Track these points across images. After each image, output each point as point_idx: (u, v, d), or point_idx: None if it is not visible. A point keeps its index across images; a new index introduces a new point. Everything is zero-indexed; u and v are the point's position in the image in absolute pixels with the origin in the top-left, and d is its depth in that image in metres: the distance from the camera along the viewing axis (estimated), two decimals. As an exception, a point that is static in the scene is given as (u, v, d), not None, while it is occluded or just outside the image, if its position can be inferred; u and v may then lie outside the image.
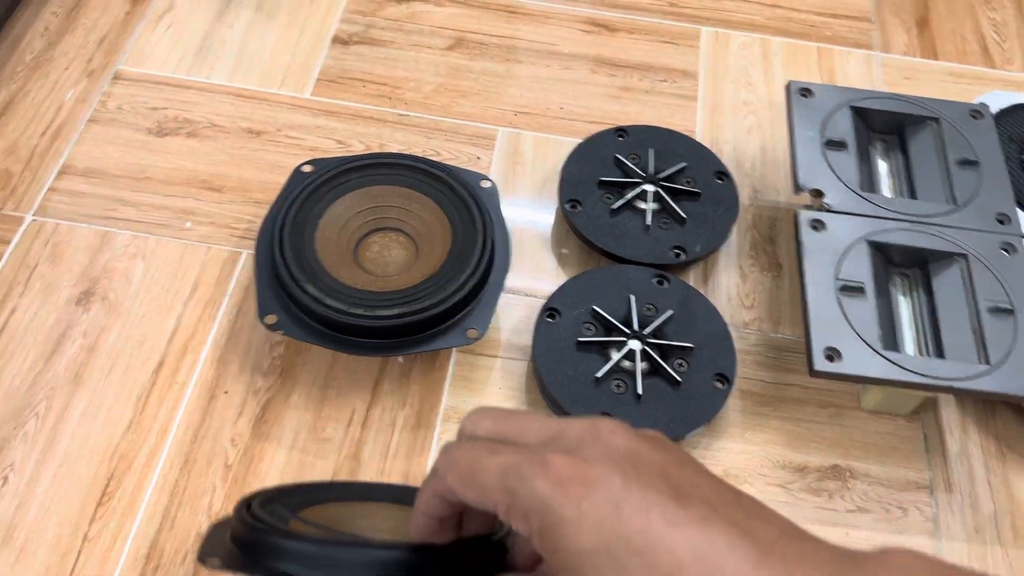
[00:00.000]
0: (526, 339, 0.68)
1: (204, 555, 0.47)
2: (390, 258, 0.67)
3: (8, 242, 0.72)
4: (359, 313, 0.61)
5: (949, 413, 0.69)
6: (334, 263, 0.64)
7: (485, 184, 0.71)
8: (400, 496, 0.55)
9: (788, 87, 0.75)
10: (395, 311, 0.61)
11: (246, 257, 0.72)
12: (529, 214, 0.78)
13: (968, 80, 0.90)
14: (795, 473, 0.65)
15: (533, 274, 0.74)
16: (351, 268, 0.65)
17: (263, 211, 0.70)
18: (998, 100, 0.82)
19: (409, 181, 0.69)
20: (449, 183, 0.68)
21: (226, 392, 0.65)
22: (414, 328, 0.62)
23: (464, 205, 0.67)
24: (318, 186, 0.67)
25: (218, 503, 0.61)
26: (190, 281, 0.71)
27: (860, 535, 0.62)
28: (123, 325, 0.68)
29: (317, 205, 0.66)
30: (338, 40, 0.88)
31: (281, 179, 0.71)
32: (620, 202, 0.73)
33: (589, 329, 0.66)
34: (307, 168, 0.70)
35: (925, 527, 0.63)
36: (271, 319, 0.62)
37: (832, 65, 0.90)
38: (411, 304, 0.61)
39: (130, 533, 0.59)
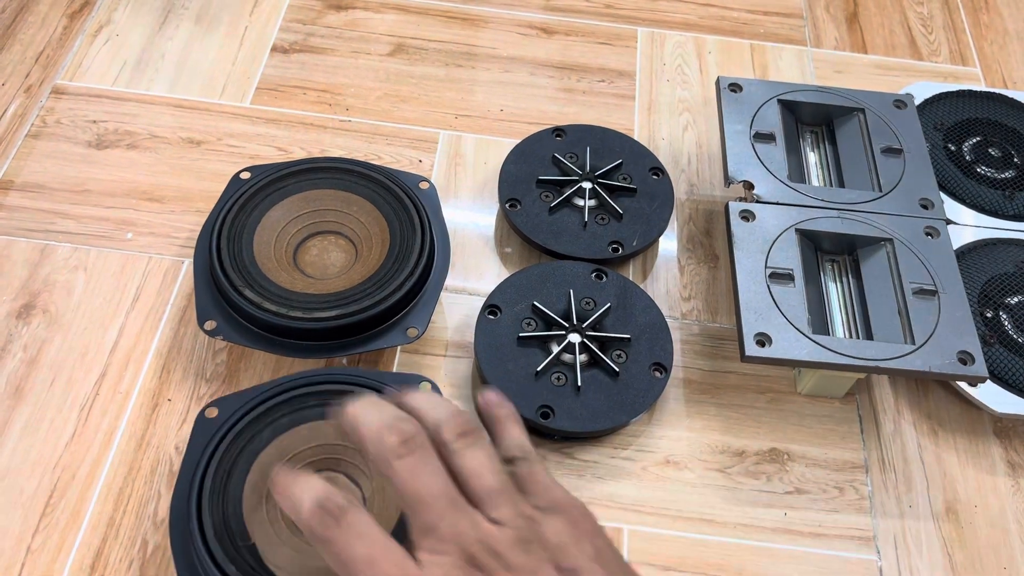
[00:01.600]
0: (470, 337, 0.69)
1: None
2: (329, 261, 0.67)
3: (-54, 259, 0.72)
4: (297, 316, 0.61)
5: (883, 394, 0.70)
6: (272, 267, 0.65)
7: (424, 185, 0.72)
8: None
9: (717, 83, 0.77)
10: (333, 313, 0.62)
11: (187, 266, 0.72)
12: (471, 215, 0.79)
13: (896, 72, 0.93)
14: (734, 457, 0.66)
15: (477, 273, 0.75)
16: (290, 272, 0.65)
17: (204, 220, 0.70)
18: (923, 90, 0.85)
19: (347, 184, 0.69)
20: (387, 185, 0.69)
21: (169, 400, 0.66)
22: (354, 329, 0.63)
23: (402, 206, 0.68)
24: (255, 192, 0.67)
25: (163, 509, 0.61)
26: (131, 291, 0.71)
27: (797, 515, 0.64)
28: (64, 337, 0.68)
29: (254, 211, 0.67)
30: (278, 49, 0.88)
31: (222, 187, 0.71)
32: (558, 199, 0.74)
33: (529, 324, 0.67)
34: (245, 175, 0.70)
35: (861, 505, 0.65)
36: (210, 325, 0.62)
37: (765, 61, 0.92)
38: (349, 305, 0.62)
39: (74, 543, 0.59)
